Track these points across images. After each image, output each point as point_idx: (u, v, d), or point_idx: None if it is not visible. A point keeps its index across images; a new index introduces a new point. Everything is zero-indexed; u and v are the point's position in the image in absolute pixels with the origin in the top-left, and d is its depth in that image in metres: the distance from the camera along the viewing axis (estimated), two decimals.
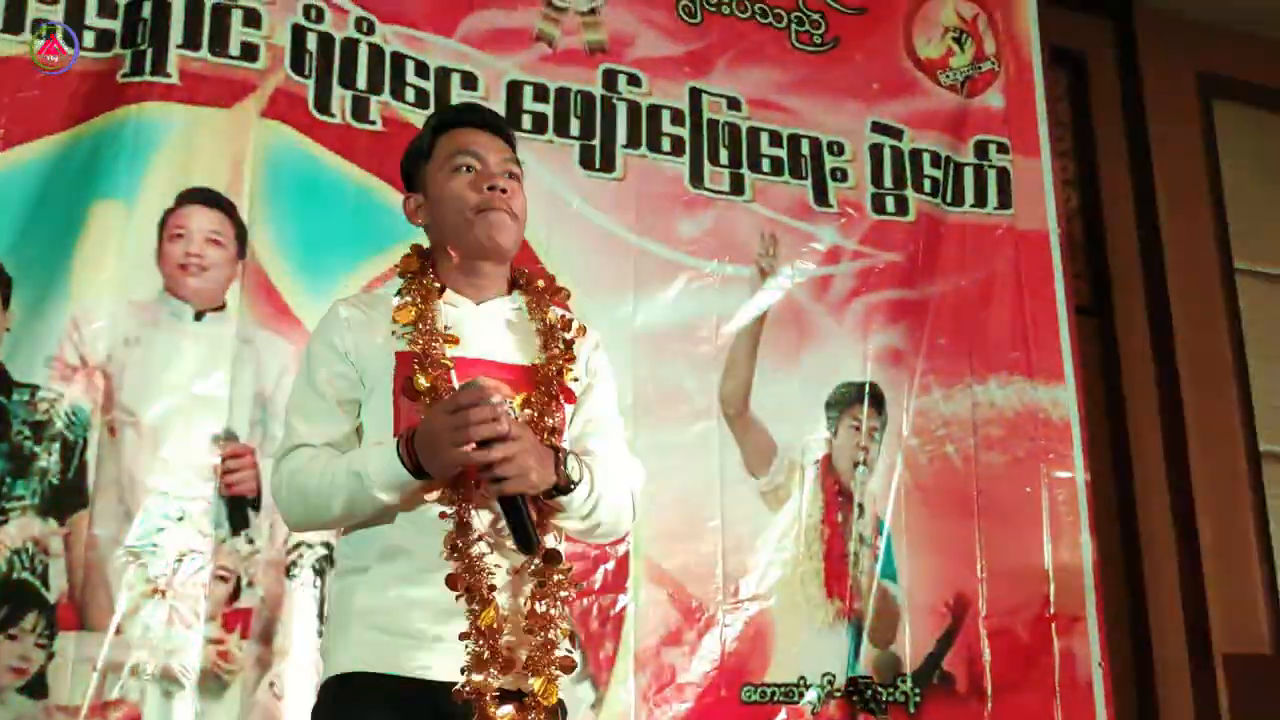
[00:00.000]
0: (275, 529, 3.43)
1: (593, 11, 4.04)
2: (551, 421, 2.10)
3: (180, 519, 3.36)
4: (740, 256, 4.03)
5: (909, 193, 4.26)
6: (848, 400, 4.06)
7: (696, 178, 4.06)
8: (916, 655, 3.99)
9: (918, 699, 3.95)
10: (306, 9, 3.72)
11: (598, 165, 3.96)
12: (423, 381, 2.04)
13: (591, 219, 3.91)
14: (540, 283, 2.33)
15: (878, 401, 4.08)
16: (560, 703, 2.03)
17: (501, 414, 1.89)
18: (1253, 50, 7.17)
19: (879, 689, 3.89)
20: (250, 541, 3.41)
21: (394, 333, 2.14)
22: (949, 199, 4.32)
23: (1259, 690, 5.41)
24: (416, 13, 3.87)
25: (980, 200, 4.35)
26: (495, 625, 1.95)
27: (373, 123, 3.74)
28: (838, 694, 3.84)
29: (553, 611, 2.00)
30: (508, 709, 1.93)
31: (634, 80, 4.05)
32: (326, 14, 3.75)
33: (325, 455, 2.12)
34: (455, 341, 2.12)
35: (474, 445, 1.89)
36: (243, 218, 3.54)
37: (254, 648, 3.36)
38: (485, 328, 2.20)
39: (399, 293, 2.21)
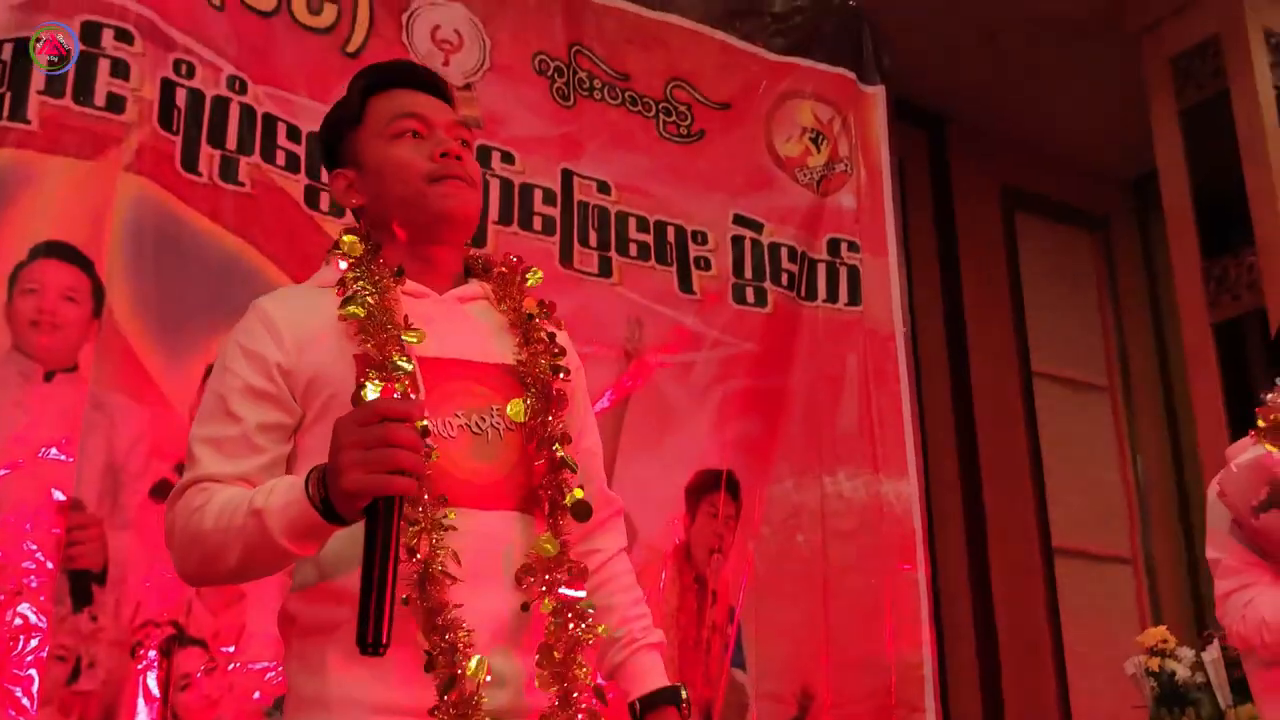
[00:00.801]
0: (120, 605, 3.25)
1: (468, 87, 4.03)
2: (553, 431, 1.79)
3: (17, 593, 3.15)
4: (607, 339, 4.05)
5: (767, 284, 4.37)
6: (706, 487, 4.11)
7: (566, 258, 4.08)
8: None
9: None
10: (178, 63, 3.60)
11: (471, 240, 3.93)
12: (371, 392, 1.57)
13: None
14: (502, 267, 1.98)
15: (734, 489, 4.15)
16: None
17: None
18: (1051, 166, 7.66)
19: None
20: (93, 619, 3.22)
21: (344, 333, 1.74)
22: (804, 293, 4.45)
23: None
24: (290, 75, 3.79)
25: (832, 296, 4.49)
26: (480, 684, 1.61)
27: (241, 184, 3.64)
28: None
29: (574, 660, 1.71)
30: None
31: (507, 158, 4.05)
32: (198, 70, 3.63)
33: (229, 492, 1.66)
34: (418, 338, 1.75)
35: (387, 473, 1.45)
36: (101, 276, 3.38)
37: None
38: (452, 321, 1.83)
39: (341, 283, 1.81)
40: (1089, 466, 7.51)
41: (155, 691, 3.24)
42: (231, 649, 3.36)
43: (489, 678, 1.65)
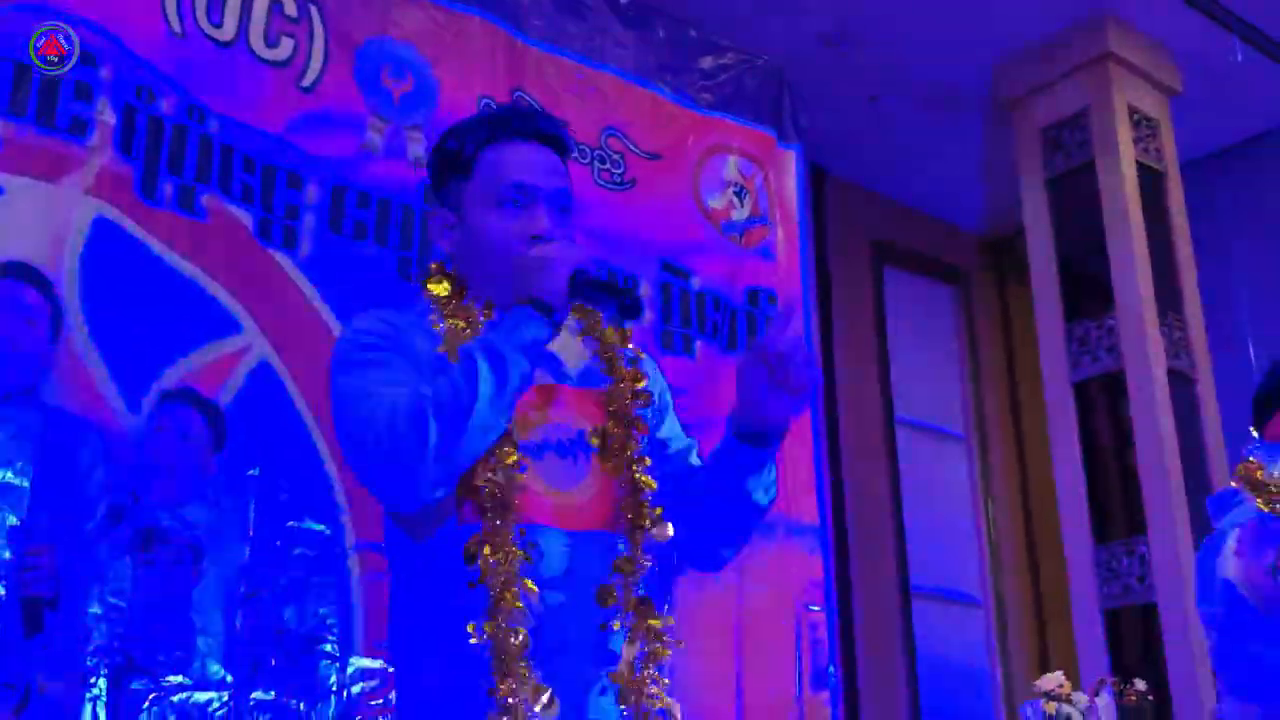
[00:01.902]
0: (73, 633, 3.27)
1: (416, 127, 4.16)
2: (632, 453, 1.88)
3: None
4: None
5: (692, 332, 4.58)
6: None
7: None
8: None
9: None
10: (139, 89, 3.65)
11: (414, 277, 4.06)
12: None
13: None
14: None
15: None
16: None
17: None
18: (919, 224, 8.08)
19: None
20: (44, 647, 3.23)
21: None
22: (727, 342, 4.67)
23: None
24: (247, 106, 3.86)
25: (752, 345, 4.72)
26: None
27: (198, 213, 3.70)
28: None
29: (648, 673, 1.80)
30: None
31: None
32: (158, 97, 3.68)
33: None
34: None
35: None
36: (60, 298, 3.41)
37: None
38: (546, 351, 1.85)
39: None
40: (946, 513, 7.91)
41: (105, 719, 3.27)
42: (180, 679, 3.40)
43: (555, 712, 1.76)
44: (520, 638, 1.72)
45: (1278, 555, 2.56)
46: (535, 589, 1.74)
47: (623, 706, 1.80)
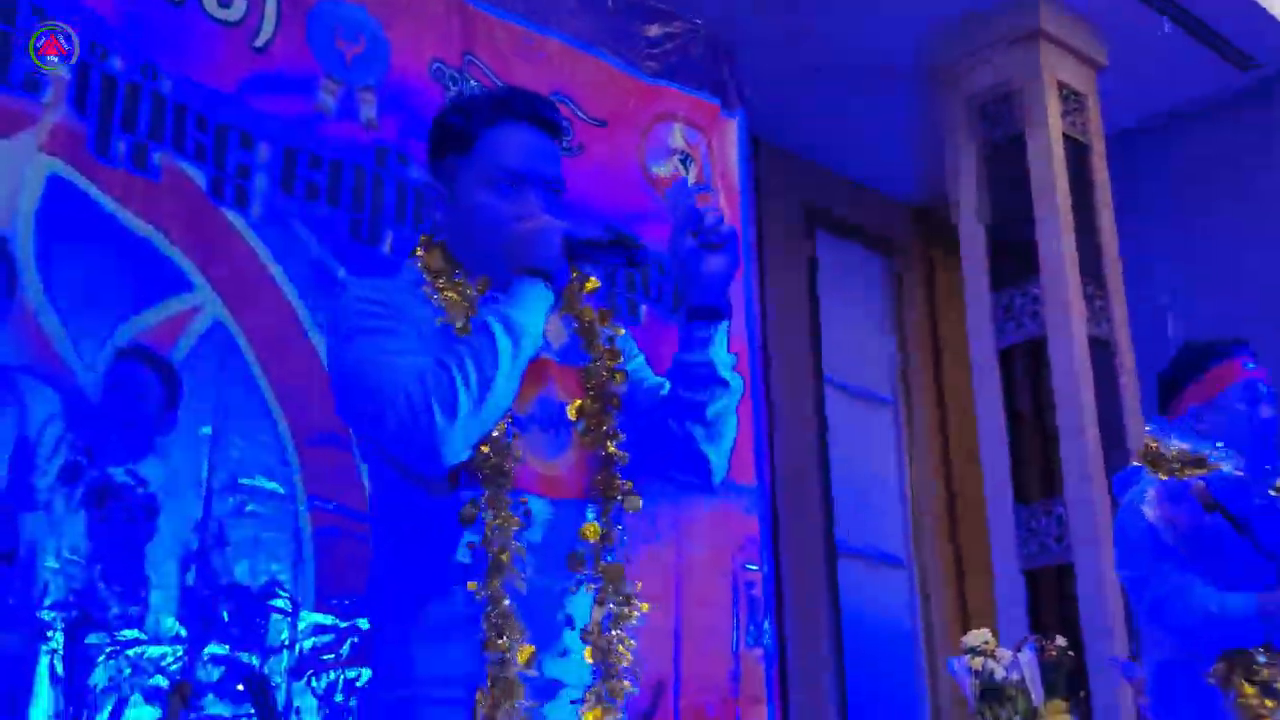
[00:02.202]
0: (29, 587, 3.32)
1: (368, 89, 4.19)
2: (608, 429, 1.98)
3: None
4: None
5: (639, 298, 4.68)
6: None
7: None
8: None
9: None
10: (92, 45, 3.66)
11: (365, 237, 4.11)
12: None
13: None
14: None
15: None
16: None
17: None
18: (852, 191, 8.22)
19: None
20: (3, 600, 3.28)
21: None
22: (671, 306, 4.78)
23: None
24: (199, 65, 3.88)
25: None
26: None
27: (151, 171, 3.72)
28: None
29: (615, 634, 1.95)
30: None
31: (403, 159, 4.23)
32: (110, 54, 3.70)
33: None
34: None
35: None
36: (14, 255, 3.42)
37: None
38: None
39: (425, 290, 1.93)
40: (872, 474, 8.11)
41: (60, 672, 3.32)
42: (135, 633, 3.45)
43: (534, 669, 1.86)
44: (506, 600, 1.81)
45: (1193, 503, 2.72)
46: (525, 551, 1.82)
47: (591, 663, 1.94)
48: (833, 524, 7.69)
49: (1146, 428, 2.94)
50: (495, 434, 1.83)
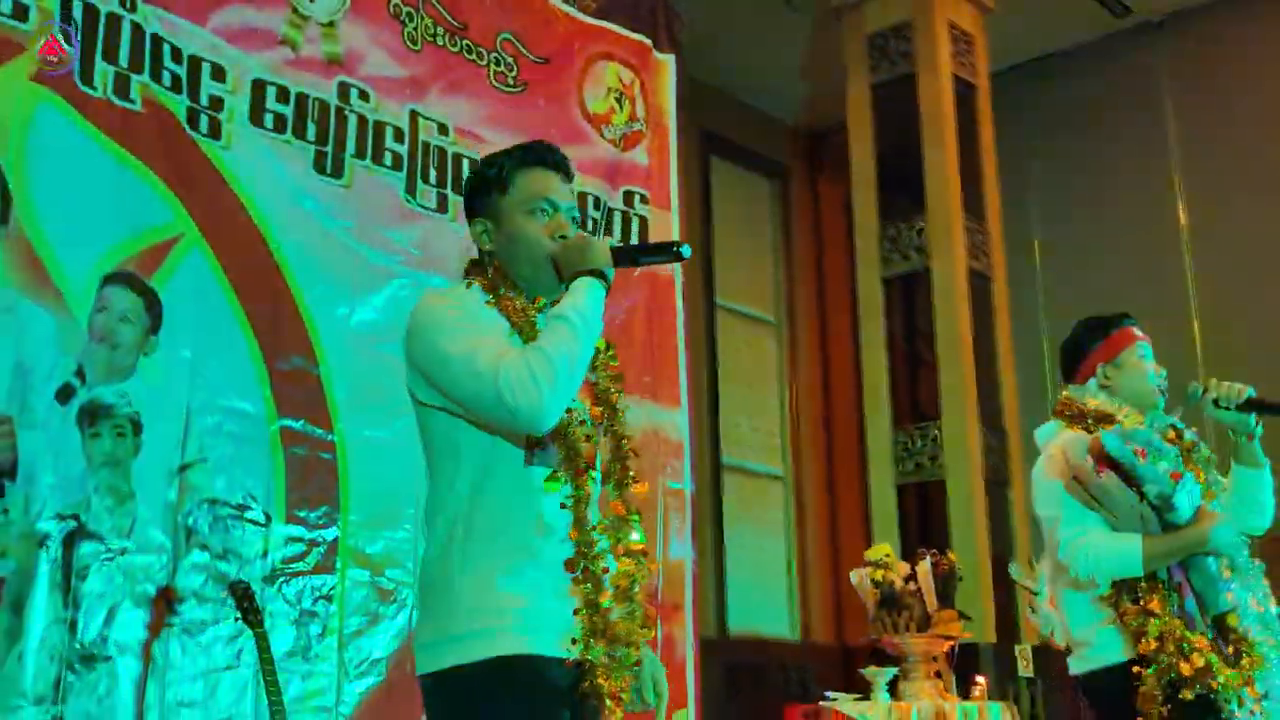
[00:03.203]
0: (30, 500, 3.56)
1: (331, 24, 4.41)
2: (618, 430, 2.41)
3: None
4: (443, 269, 4.57)
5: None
6: None
7: (410, 193, 4.56)
8: None
9: None
10: None
11: (329, 171, 4.35)
12: None
13: (320, 221, 4.30)
14: None
15: None
16: None
17: None
18: (744, 118, 8.59)
19: None
20: (4, 512, 3.51)
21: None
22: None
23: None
24: None
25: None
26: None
27: (133, 101, 3.91)
28: None
29: (637, 580, 2.30)
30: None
31: (364, 95, 4.47)
32: None
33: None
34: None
35: None
36: (7, 183, 3.61)
37: (5, 618, 3.48)
38: None
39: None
40: (755, 393, 8.59)
41: (59, 580, 3.58)
42: (125, 543, 3.72)
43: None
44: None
45: (1095, 459, 3.18)
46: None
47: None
48: (719, 440, 8.18)
49: (1065, 389, 3.38)
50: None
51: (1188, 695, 2.97)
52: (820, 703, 4.89)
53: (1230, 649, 3.05)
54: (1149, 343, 3.45)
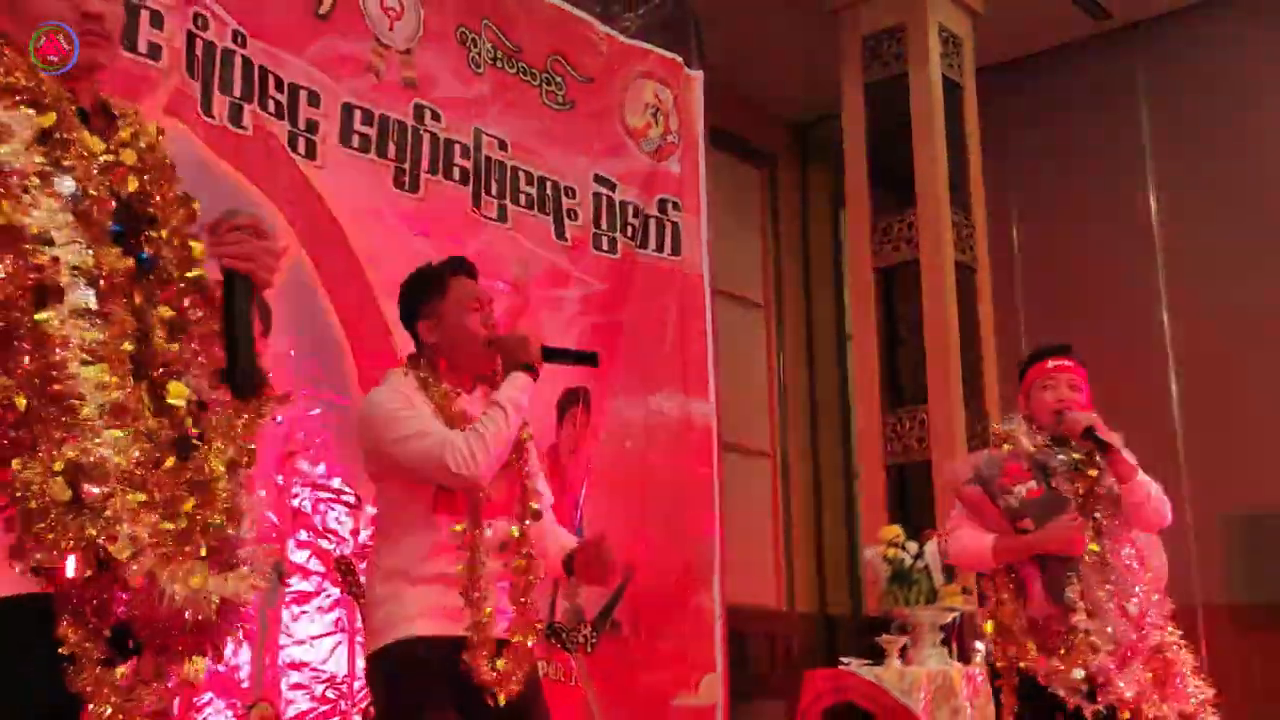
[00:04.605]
0: None
1: (408, 52, 5.05)
2: (528, 470, 3.20)
3: None
4: (503, 273, 5.24)
5: (617, 235, 5.68)
6: (570, 401, 5.42)
7: (475, 204, 5.22)
8: (594, 607, 5.44)
9: (594, 641, 5.41)
10: (196, 16, 4.43)
11: (406, 185, 5.00)
12: None
13: (398, 231, 4.96)
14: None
15: (588, 404, 5.48)
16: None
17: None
18: (737, 107, 9.23)
19: (570, 632, 5.30)
20: None
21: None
22: (640, 243, 5.80)
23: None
24: (275, 32, 4.68)
25: (660, 246, 5.87)
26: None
27: (244, 127, 4.54)
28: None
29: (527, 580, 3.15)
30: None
31: (435, 116, 5.12)
32: (210, 23, 4.48)
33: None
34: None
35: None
36: None
37: None
38: (476, 405, 3.17)
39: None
40: (744, 373, 9.30)
41: None
42: None
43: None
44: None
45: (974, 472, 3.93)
46: None
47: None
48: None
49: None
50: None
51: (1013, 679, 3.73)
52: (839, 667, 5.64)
53: (1057, 638, 3.76)
54: (1061, 374, 4.10)
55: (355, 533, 4.70)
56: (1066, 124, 9.01)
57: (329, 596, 4.55)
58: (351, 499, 4.70)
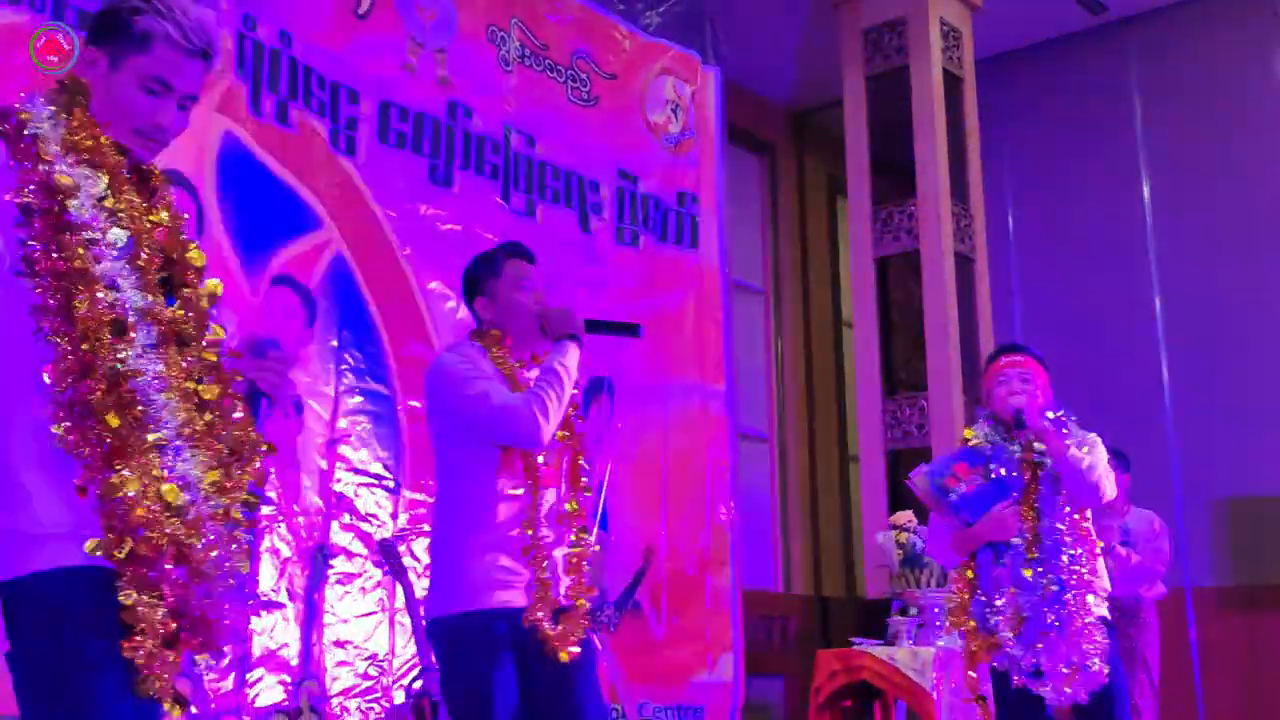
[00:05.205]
0: None
1: (441, 51, 5.28)
2: (576, 445, 3.44)
3: None
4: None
5: (639, 228, 5.93)
6: (596, 389, 5.67)
7: (505, 198, 5.46)
8: (617, 588, 5.70)
9: (617, 621, 5.67)
10: (245, 18, 4.66)
11: (440, 180, 5.24)
12: None
13: (433, 224, 5.20)
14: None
15: (612, 392, 5.73)
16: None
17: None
18: (736, 96, 9.45)
19: (593, 612, 5.56)
20: None
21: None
22: (660, 236, 6.05)
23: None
24: (317, 31, 4.90)
25: (679, 239, 6.12)
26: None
27: (290, 125, 4.77)
28: None
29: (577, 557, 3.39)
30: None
31: (468, 113, 5.35)
32: (258, 24, 4.70)
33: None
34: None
35: None
36: (202, 200, 4.47)
37: None
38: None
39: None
40: (746, 360, 9.56)
41: None
42: (294, 505, 4.61)
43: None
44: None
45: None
46: None
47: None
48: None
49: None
50: None
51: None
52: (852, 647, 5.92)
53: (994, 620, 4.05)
54: (1013, 370, 4.34)
55: (394, 516, 4.95)
56: (1061, 115, 9.29)
57: (371, 578, 4.79)
58: (391, 484, 4.94)
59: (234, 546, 2.15)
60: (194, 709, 4.21)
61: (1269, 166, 8.41)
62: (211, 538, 2.09)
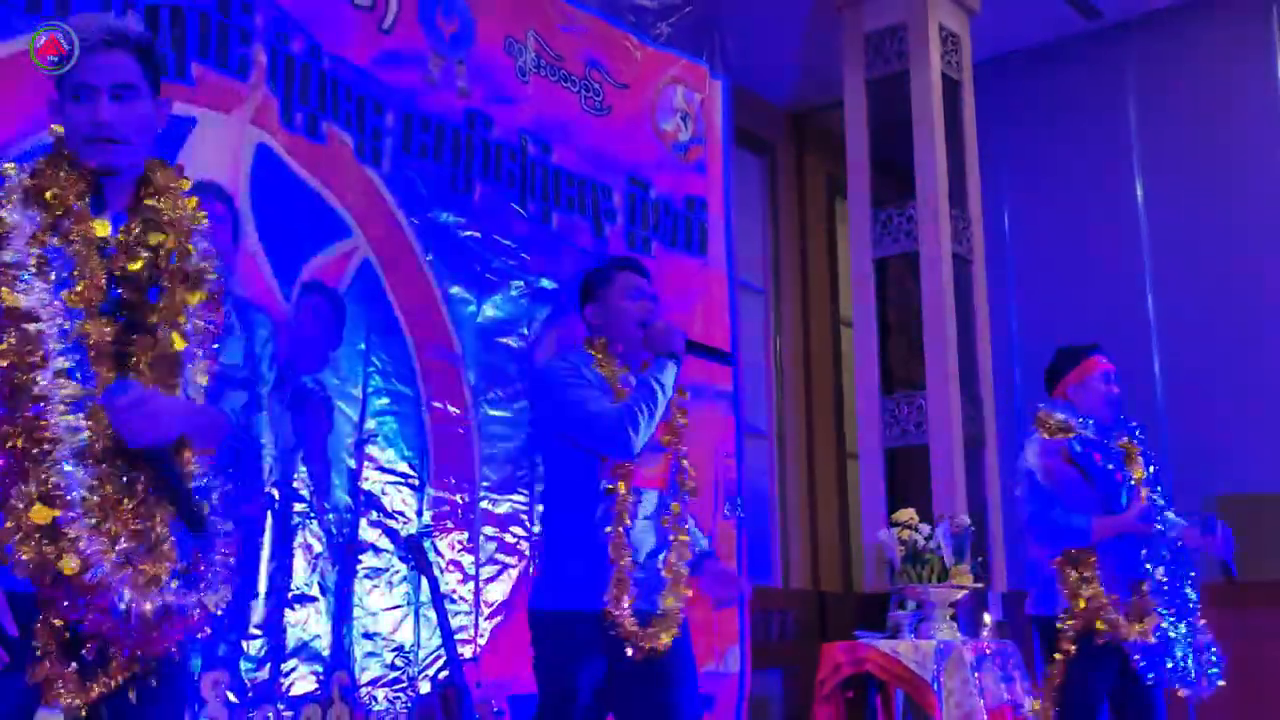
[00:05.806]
0: (259, 469, 4.68)
1: (461, 62, 5.53)
2: (680, 451, 3.86)
3: None
4: (549, 272, 5.74)
5: (650, 233, 6.19)
6: None
7: (521, 205, 5.71)
8: None
9: None
10: (279, 33, 4.90)
11: (461, 188, 5.49)
12: None
13: (454, 232, 5.45)
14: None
15: None
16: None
17: None
18: (737, 96, 9.70)
19: None
20: (238, 483, 4.64)
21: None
22: (670, 241, 6.31)
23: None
24: (345, 44, 5.14)
25: (688, 245, 6.38)
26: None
27: (320, 137, 5.02)
28: None
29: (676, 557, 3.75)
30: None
31: (487, 122, 5.60)
32: (290, 38, 4.95)
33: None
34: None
35: None
36: (237, 210, 4.71)
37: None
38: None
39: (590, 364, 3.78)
40: (746, 358, 9.81)
41: (278, 534, 4.72)
42: (325, 502, 4.87)
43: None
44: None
45: (1059, 457, 4.51)
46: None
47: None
48: (740, 408, 9.40)
49: (1040, 405, 4.71)
50: None
51: (1099, 640, 4.39)
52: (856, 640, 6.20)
53: (1136, 609, 4.44)
54: (1112, 370, 4.74)
55: (420, 513, 5.20)
56: (1057, 119, 9.57)
57: (397, 573, 5.05)
58: (416, 482, 5.20)
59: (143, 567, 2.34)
60: (233, 697, 4.47)
61: (1264, 170, 8.70)
62: (88, 554, 2.32)
